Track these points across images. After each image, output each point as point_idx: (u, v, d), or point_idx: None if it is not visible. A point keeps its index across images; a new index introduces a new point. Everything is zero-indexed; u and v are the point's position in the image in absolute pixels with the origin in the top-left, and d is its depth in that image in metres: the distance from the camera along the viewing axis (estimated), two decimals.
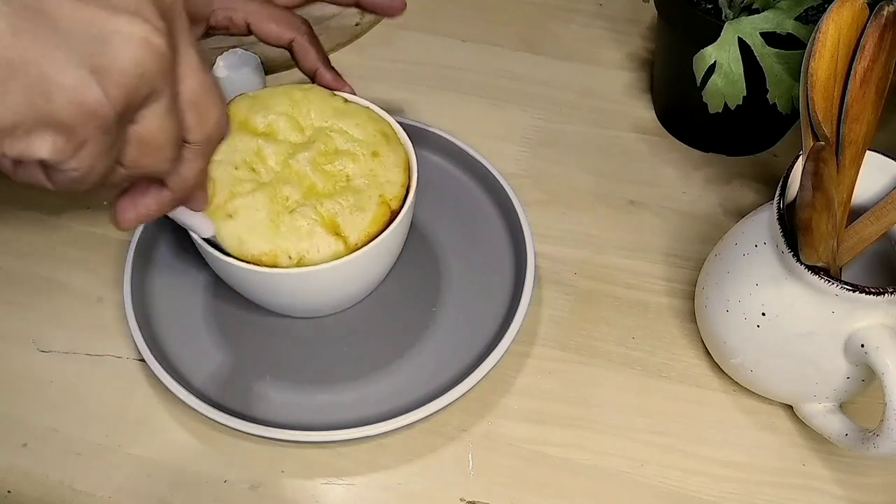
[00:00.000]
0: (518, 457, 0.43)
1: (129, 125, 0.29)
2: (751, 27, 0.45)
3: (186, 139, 0.31)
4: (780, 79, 0.45)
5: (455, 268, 0.49)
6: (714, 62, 0.45)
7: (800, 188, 0.35)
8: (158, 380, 0.43)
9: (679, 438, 0.44)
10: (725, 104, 0.46)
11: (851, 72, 0.37)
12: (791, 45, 0.45)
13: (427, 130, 0.53)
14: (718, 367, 0.45)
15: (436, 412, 0.42)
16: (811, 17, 0.45)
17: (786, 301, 0.39)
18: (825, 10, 0.37)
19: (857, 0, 0.37)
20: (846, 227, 0.39)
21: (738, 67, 0.45)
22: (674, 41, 0.53)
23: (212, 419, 0.42)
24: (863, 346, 0.37)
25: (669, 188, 0.54)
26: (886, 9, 0.37)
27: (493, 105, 0.59)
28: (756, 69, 0.45)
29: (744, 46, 0.45)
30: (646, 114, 0.59)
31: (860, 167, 0.40)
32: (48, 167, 0.28)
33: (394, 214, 0.42)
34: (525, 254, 0.47)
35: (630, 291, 0.49)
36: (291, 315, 0.47)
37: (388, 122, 0.46)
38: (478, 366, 0.43)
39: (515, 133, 0.57)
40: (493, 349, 0.43)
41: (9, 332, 0.48)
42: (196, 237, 0.41)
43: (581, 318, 0.48)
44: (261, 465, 0.43)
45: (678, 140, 0.57)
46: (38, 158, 0.27)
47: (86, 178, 0.29)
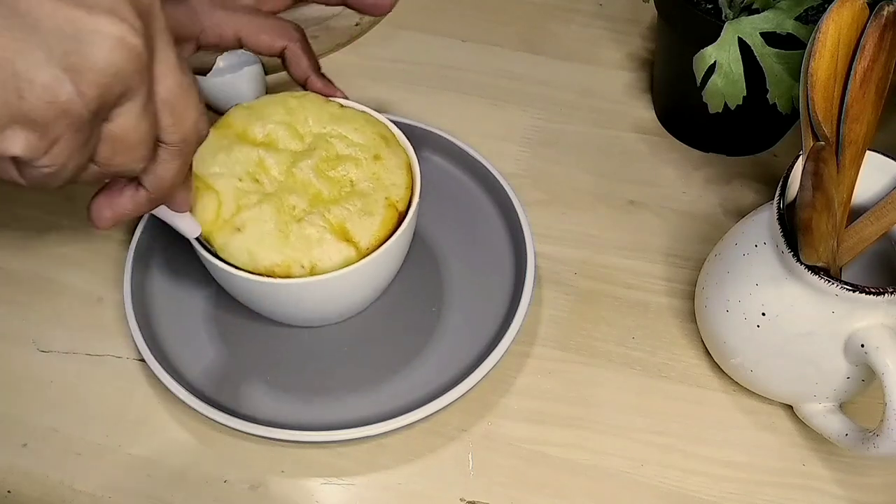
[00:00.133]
0: (518, 457, 0.43)
1: (104, 123, 0.29)
2: (751, 27, 0.45)
3: (162, 139, 0.31)
4: (780, 79, 0.45)
5: (455, 268, 0.49)
6: (714, 62, 0.45)
7: (800, 188, 0.35)
8: (158, 380, 0.43)
9: (679, 438, 0.44)
10: (725, 104, 0.46)
11: (851, 72, 0.37)
12: (791, 45, 0.45)
13: (427, 130, 0.53)
14: (718, 367, 0.45)
15: (436, 412, 0.42)
16: (811, 17, 0.45)
17: (786, 301, 0.39)
18: (825, 10, 0.37)
19: (857, 0, 0.37)
20: (846, 227, 0.39)
21: (738, 67, 0.45)
22: (674, 41, 0.53)
23: (212, 419, 0.42)
24: (863, 346, 0.37)
25: (669, 188, 0.54)
26: (886, 9, 0.37)
27: (493, 105, 0.59)
28: (756, 69, 0.45)
29: (744, 46, 0.45)
30: (646, 114, 0.59)
31: (860, 167, 0.40)
32: (20, 163, 0.28)
33: (401, 216, 0.42)
34: (525, 254, 0.47)
35: (630, 291, 0.49)
36: (300, 325, 0.46)
37: (386, 125, 0.45)
38: (478, 366, 0.43)
39: (515, 133, 0.57)
40: (493, 349, 0.43)
41: (9, 332, 0.48)
42: (203, 253, 0.40)
43: (581, 318, 0.48)
44: (261, 465, 0.43)
45: (678, 140, 0.57)
46: (11, 155, 0.27)
47: (58, 175, 0.29)
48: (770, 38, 0.45)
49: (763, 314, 0.40)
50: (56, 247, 0.51)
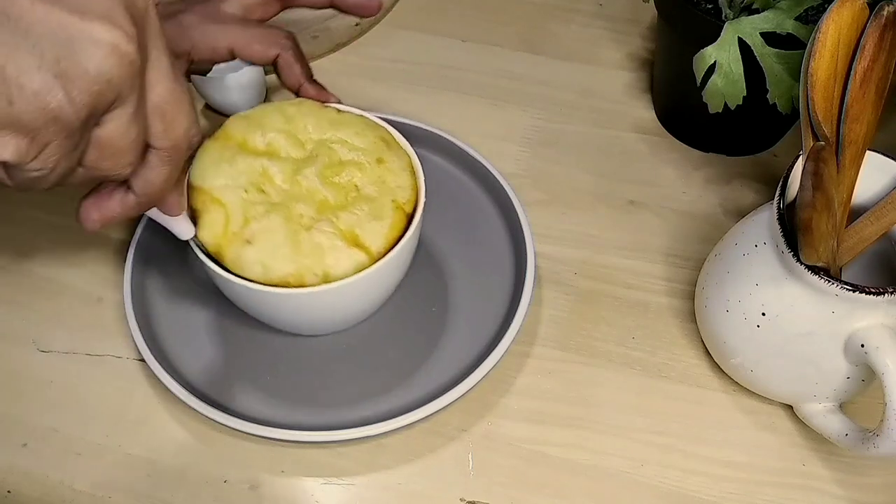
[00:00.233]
0: (518, 457, 0.43)
1: (93, 128, 0.29)
2: (751, 27, 0.45)
3: (153, 144, 0.31)
4: (780, 79, 0.45)
5: (455, 268, 0.49)
6: (714, 62, 0.45)
7: (800, 188, 0.35)
8: (158, 380, 0.43)
9: (679, 438, 0.44)
10: (725, 104, 0.46)
11: (851, 72, 0.37)
12: (791, 45, 0.45)
13: (427, 130, 0.53)
14: (718, 367, 0.45)
15: (436, 412, 0.42)
16: (811, 17, 0.45)
17: (786, 301, 0.39)
18: (825, 10, 0.37)
19: (857, 0, 0.37)
20: (846, 227, 0.39)
21: (738, 67, 0.45)
22: (674, 41, 0.53)
23: (212, 419, 0.42)
24: (863, 346, 0.37)
25: (669, 188, 0.54)
26: (886, 9, 0.37)
27: (493, 105, 0.59)
28: (756, 69, 0.45)
29: (744, 46, 0.45)
30: (646, 114, 0.59)
31: (860, 167, 0.40)
32: (9, 166, 0.28)
33: (408, 217, 0.42)
34: (525, 254, 0.47)
35: (630, 291, 0.49)
36: (310, 334, 0.46)
37: (385, 128, 0.45)
38: (478, 366, 0.43)
39: (515, 133, 0.57)
40: (493, 349, 0.43)
41: (9, 332, 0.48)
42: (215, 269, 0.40)
43: (581, 318, 0.48)
44: (261, 465, 0.43)
45: (678, 140, 0.57)
46: (0, 160, 0.27)
47: (46, 178, 0.29)
48: (770, 38, 0.45)
49: (763, 314, 0.40)
50: (56, 247, 0.51)
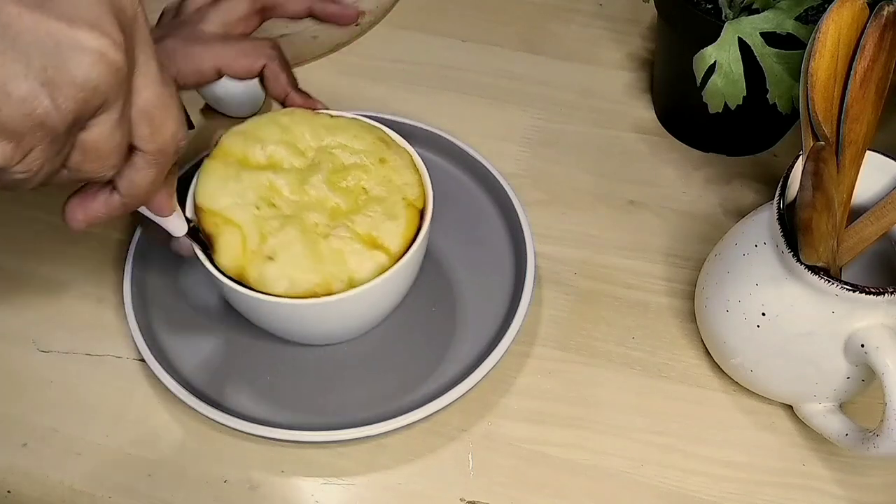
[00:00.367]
0: (518, 457, 0.43)
1: (79, 132, 0.29)
2: (751, 27, 0.45)
3: (139, 147, 0.32)
4: (780, 79, 0.45)
5: (455, 268, 0.49)
6: (714, 62, 0.45)
7: (800, 188, 0.35)
8: (158, 380, 0.43)
9: (679, 438, 0.44)
10: (725, 104, 0.46)
11: (851, 72, 0.37)
12: (791, 45, 0.45)
13: (427, 130, 0.53)
14: (718, 367, 0.45)
15: (436, 412, 0.42)
16: (811, 17, 0.45)
17: (786, 301, 0.39)
18: (825, 10, 0.37)
19: (857, 0, 0.37)
20: (846, 227, 0.39)
21: (738, 67, 0.45)
22: (674, 41, 0.53)
23: (212, 419, 0.42)
24: (863, 346, 0.37)
25: (669, 188, 0.54)
26: (886, 9, 0.37)
27: (493, 105, 0.59)
28: (756, 69, 0.45)
29: (744, 46, 0.45)
30: (646, 114, 0.59)
31: (860, 167, 0.40)
32: None
33: (420, 213, 0.42)
34: (525, 254, 0.47)
35: (630, 291, 0.49)
36: (329, 342, 0.46)
37: (380, 128, 0.45)
38: (478, 366, 0.43)
39: (515, 133, 0.57)
40: (493, 349, 0.43)
41: (9, 332, 0.48)
42: (242, 291, 0.39)
43: (581, 318, 0.48)
44: (261, 465, 0.43)
45: (678, 140, 0.57)
46: None
47: (31, 180, 0.29)
48: (770, 38, 0.45)
49: (763, 314, 0.40)
50: (56, 247, 0.51)
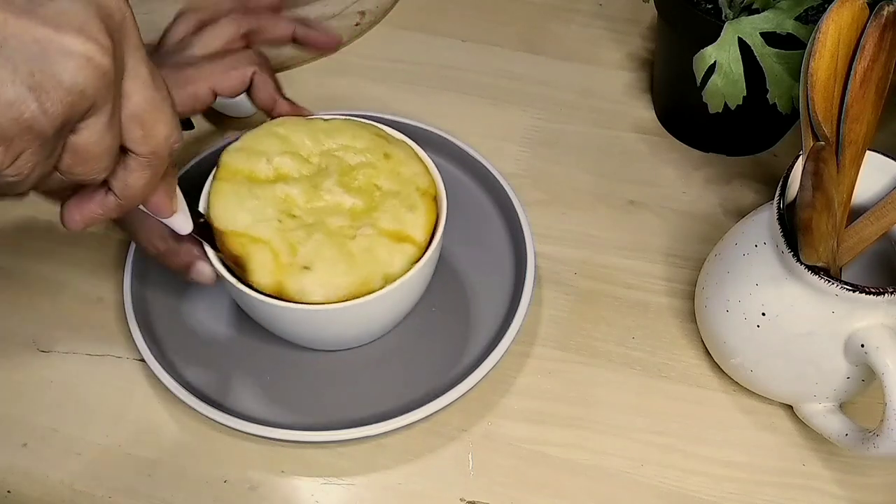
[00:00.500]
0: (518, 457, 0.43)
1: (69, 135, 0.29)
2: (751, 27, 0.45)
3: (132, 150, 0.32)
4: (780, 79, 0.45)
5: (455, 268, 0.49)
6: (714, 62, 0.45)
7: (800, 188, 0.35)
8: (158, 380, 0.43)
9: (679, 438, 0.44)
10: (725, 104, 0.46)
11: (851, 72, 0.37)
12: (791, 45, 0.45)
13: (427, 130, 0.53)
14: (718, 367, 0.45)
15: (436, 412, 0.42)
16: (811, 17, 0.45)
17: (786, 301, 0.39)
18: (825, 10, 0.37)
19: (857, 0, 0.37)
20: (846, 227, 0.39)
21: (738, 67, 0.45)
22: (674, 41, 0.53)
23: (212, 419, 0.42)
24: (863, 346, 0.37)
25: (669, 188, 0.54)
26: (886, 9, 0.37)
27: (493, 105, 0.59)
28: (756, 69, 0.45)
29: (744, 46, 0.45)
30: (646, 114, 0.59)
31: (860, 167, 0.40)
32: None
33: (435, 200, 0.43)
34: (525, 254, 0.47)
35: (630, 291, 0.49)
36: (362, 343, 0.46)
37: (375, 125, 0.46)
38: (478, 366, 0.43)
39: (515, 133, 0.57)
40: (493, 349, 0.43)
41: (9, 332, 0.48)
42: (286, 305, 0.39)
43: (581, 318, 0.48)
44: (261, 465, 0.43)
45: (678, 140, 0.57)
46: None
47: (22, 184, 0.29)
48: (770, 38, 0.45)
49: (763, 314, 0.40)
50: (56, 247, 0.51)
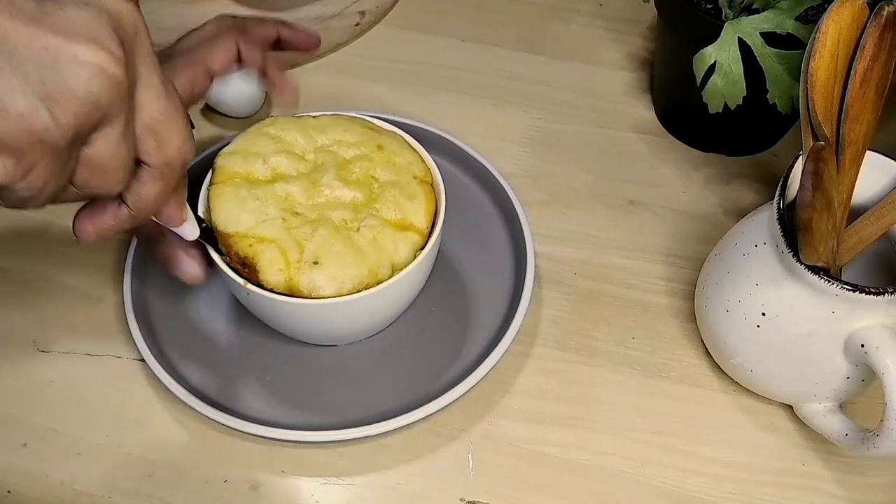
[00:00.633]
0: (518, 457, 0.43)
1: (82, 147, 0.29)
2: (751, 27, 0.45)
3: (145, 161, 0.31)
4: (780, 79, 0.45)
5: (455, 268, 0.49)
6: (714, 62, 0.45)
7: (800, 188, 0.35)
8: (158, 380, 0.43)
9: (679, 438, 0.44)
10: (725, 104, 0.46)
11: (851, 72, 0.37)
12: (791, 45, 0.45)
13: (427, 130, 0.53)
14: (718, 367, 0.45)
15: (436, 412, 0.42)
16: (811, 17, 0.45)
17: (786, 301, 0.39)
18: (825, 10, 0.37)
19: (857, 0, 0.37)
20: (846, 227, 0.39)
21: (738, 67, 0.45)
22: (674, 41, 0.53)
23: (212, 419, 0.42)
24: (863, 346, 0.37)
25: (669, 188, 0.54)
26: (886, 9, 0.37)
27: (493, 105, 0.59)
28: (756, 69, 0.45)
29: (744, 46, 0.45)
30: (646, 114, 0.59)
31: (860, 167, 0.40)
32: None
33: (432, 186, 0.44)
34: (525, 254, 0.47)
35: (630, 291, 0.49)
36: (368, 336, 0.46)
37: (363, 118, 0.46)
38: (478, 366, 0.43)
39: (515, 133, 0.57)
40: (493, 349, 0.43)
41: (9, 332, 0.48)
42: (297, 302, 0.40)
43: (581, 318, 0.48)
44: (261, 465, 0.43)
45: (678, 140, 0.57)
46: None
47: (37, 198, 0.29)
48: (770, 38, 0.45)
49: (763, 314, 0.40)
50: (56, 247, 0.51)
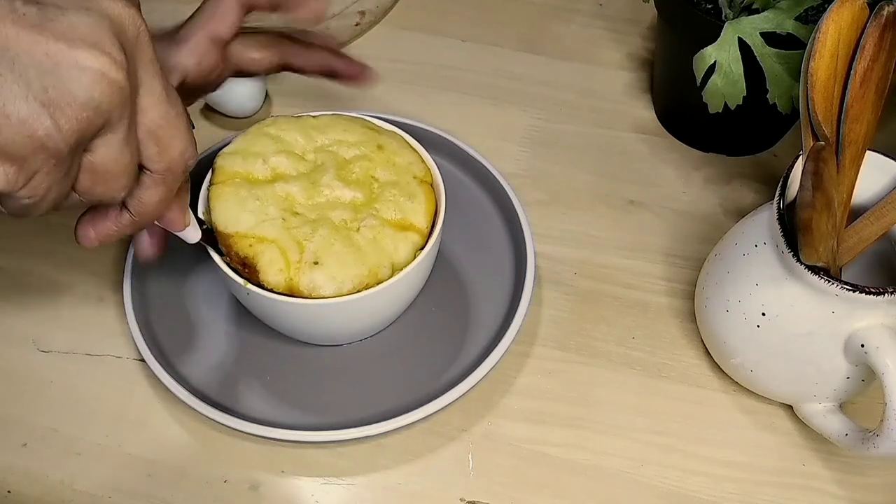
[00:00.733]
0: (518, 457, 0.43)
1: (84, 154, 0.29)
2: (751, 27, 0.45)
3: (147, 167, 0.31)
4: (780, 79, 0.45)
5: (455, 268, 0.49)
6: (714, 62, 0.45)
7: (800, 188, 0.35)
8: (158, 380, 0.43)
9: (679, 438, 0.44)
10: (725, 104, 0.46)
11: (851, 72, 0.37)
12: (791, 45, 0.45)
13: (427, 130, 0.53)
14: (718, 367, 0.45)
15: (436, 412, 0.42)
16: (811, 17, 0.45)
17: (786, 301, 0.39)
18: (825, 10, 0.37)
19: (857, 0, 0.37)
20: (846, 227, 0.39)
21: (738, 67, 0.45)
22: (674, 41, 0.53)
23: (212, 419, 0.42)
24: (863, 346, 0.37)
25: (669, 188, 0.54)
26: (886, 9, 0.37)
27: (493, 105, 0.59)
28: (756, 69, 0.45)
29: (744, 46, 0.45)
30: (646, 114, 0.59)
31: (860, 167, 0.40)
32: (1, 193, 0.28)
33: (432, 186, 0.44)
34: (525, 254, 0.47)
35: (630, 291, 0.49)
36: (367, 336, 0.46)
37: (363, 118, 0.46)
38: (478, 366, 0.43)
39: (515, 133, 0.57)
40: (493, 349, 0.43)
41: (9, 332, 0.48)
42: (298, 301, 0.40)
43: (581, 318, 0.48)
44: (261, 465, 0.43)
45: (678, 140, 0.57)
46: None
47: (39, 206, 0.29)
48: (770, 38, 0.45)
49: (763, 314, 0.40)
50: (56, 247, 0.51)
